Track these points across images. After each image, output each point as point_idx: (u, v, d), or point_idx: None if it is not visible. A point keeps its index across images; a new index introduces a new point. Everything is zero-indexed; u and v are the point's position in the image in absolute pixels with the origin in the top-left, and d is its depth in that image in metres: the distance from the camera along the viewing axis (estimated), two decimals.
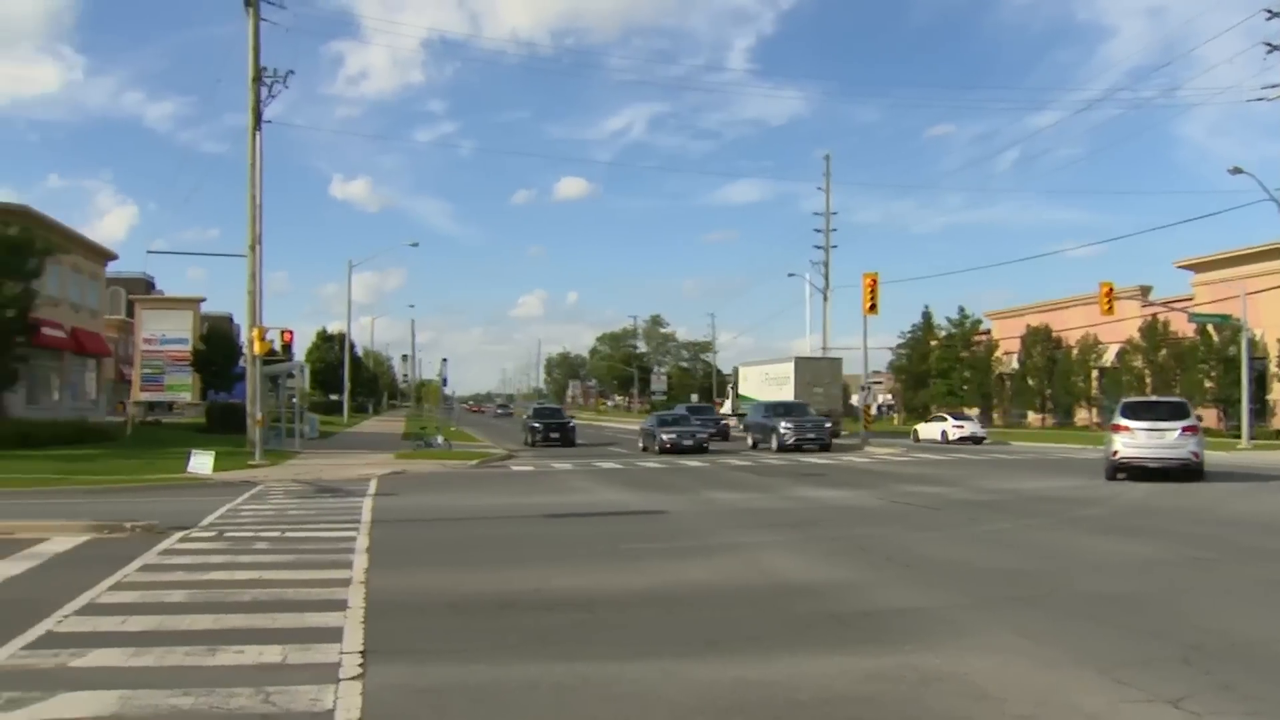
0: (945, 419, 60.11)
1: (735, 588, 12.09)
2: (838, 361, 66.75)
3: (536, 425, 51.37)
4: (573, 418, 58.11)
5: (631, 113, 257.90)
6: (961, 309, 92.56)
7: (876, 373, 73.99)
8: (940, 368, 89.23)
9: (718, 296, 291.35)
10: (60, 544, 15.82)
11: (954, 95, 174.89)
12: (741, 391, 72.49)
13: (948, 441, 55.19)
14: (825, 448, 44.29)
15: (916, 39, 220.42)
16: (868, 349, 55.92)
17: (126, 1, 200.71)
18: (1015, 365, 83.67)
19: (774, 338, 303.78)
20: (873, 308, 48.79)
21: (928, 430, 58.85)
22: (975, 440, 54.50)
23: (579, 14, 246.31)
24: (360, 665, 8.27)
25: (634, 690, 7.77)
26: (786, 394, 59.04)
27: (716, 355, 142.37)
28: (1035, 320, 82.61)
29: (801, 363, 63.12)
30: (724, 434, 56.35)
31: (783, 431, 44.24)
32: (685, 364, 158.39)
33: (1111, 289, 46.87)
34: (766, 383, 65.86)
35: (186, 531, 17.07)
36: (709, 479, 29.37)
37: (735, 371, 79.45)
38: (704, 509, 21.17)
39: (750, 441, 48.85)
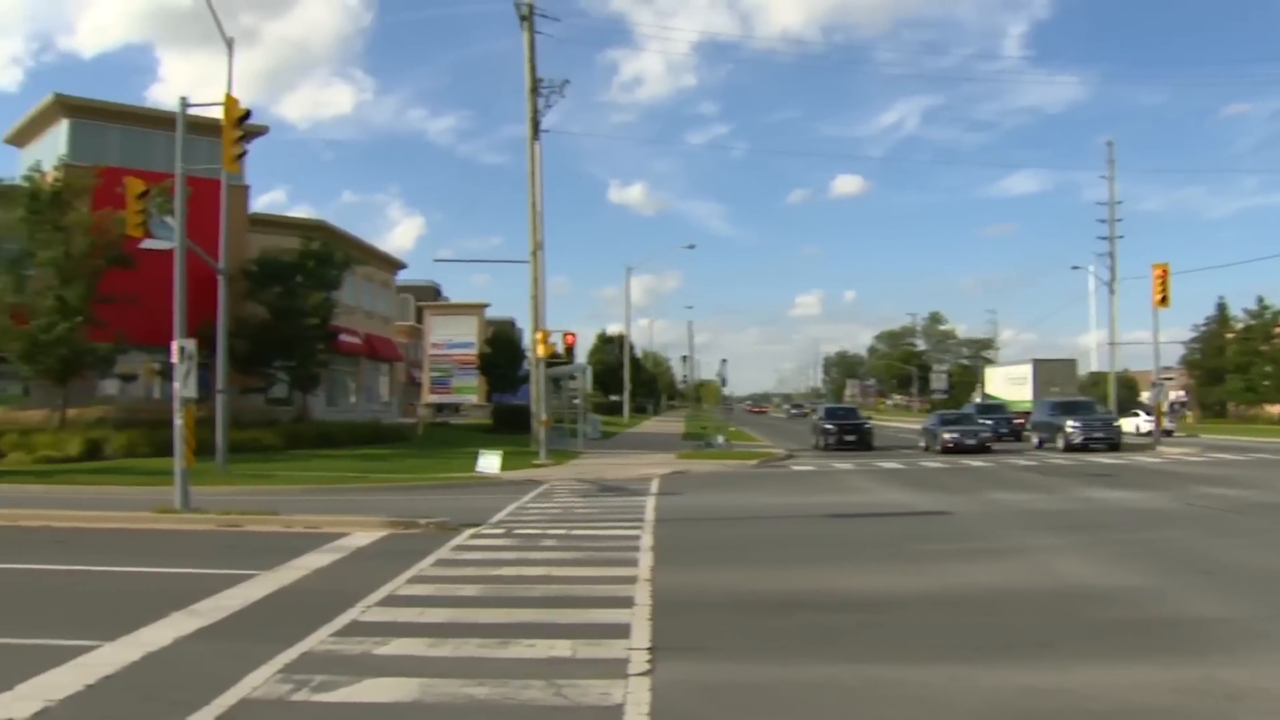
0: (1138, 414, 59.01)
1: (1023, 591, 11.73)
2: (1072, 363, 69.97)
3: (829, 427, 47.46)
4: (869, 418, 53.97)
5: (904, 107, 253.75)
6: (1260, 299, 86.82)
7: (1167, 369, 70.60)
8: (1238, 362, 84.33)
9: (998, 292, 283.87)
10: (361, 538, 16.63)
11: (1248, 70, 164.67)
12: (988, 391, 76.19)
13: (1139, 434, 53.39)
14: (1114, 447, 42.36)
15: (1204, 11, 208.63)
16: (1158, 343, 53.21)
17: (410, 25, 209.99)
18: None
19: (1058, 333, 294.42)
20: (1163, 300, 46.34)
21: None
22: (1165, 434, 51.24)
23: (848, 9, 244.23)
24: (648, 661, 8.38)
25: (921, 694, 7.63)
26: (1025, 394, 62.59)
27: (998, 352, 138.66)
28: None
29: (1039, 364, 66.55)
30: (1015, 434, 53.85)
31: (1069, 430, 42.50)
32: (965, 361, 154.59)
33: None
34: (1009, 383, 69.92)
35: (477, 528, 17.65)
36: (992, 479, 28.58)
37: (982, 372, 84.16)
38: (988, 510, 20.61)
39: (1035, 441, 47.17)
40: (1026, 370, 66.88)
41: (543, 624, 9.80)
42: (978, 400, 76.93)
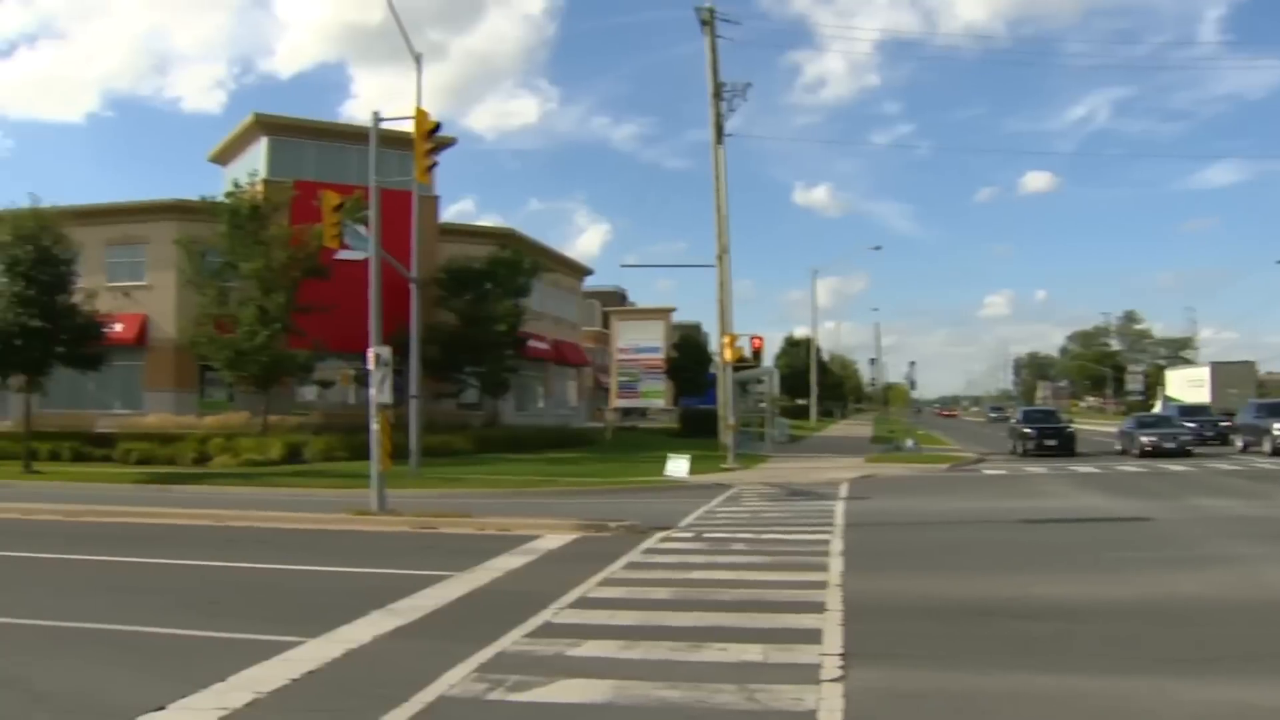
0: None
1: (1232, 602, 11.23)
2: (1250, 364, 71.19)
3: (1029, 431, 44.77)
4: (1070, 421, 50.81)
5: (1094, 99, 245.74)
6: None
7: None
8: None
9: (1197, 289, 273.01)
10: (552, 541, 16.84)
11: None
12: (1168, 393, 75.44)
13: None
14: None
15: None
16: None
17: (592, 33, 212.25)
18: None
19: (1266, 331, 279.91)
20: None
21: None
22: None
23: (1036, 1, 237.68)
24: (840, 668, 8.28)
25: (1126, 706, 7.39)
26: (1204, 396, 62.22)
27: (1197, 352, 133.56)
28: None
29: (1217, 367, 67.94)
30: (1222, 437, 50.50)
31: (1277, 433, 40.55)
32: (1162, 361, 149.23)
33: None
34: (1188, 385, 70.42)
35: (666, 532, 17.70)
36: (1194, 484, 27.48)
37: (1162, 374, 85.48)
38: (1190, 516, 19.80)
39: (1239, 444, 45.05)
40: (1204, 373, 67.72)
41: (734, 628, 9.77)
42: (1159, 404, 74.43)
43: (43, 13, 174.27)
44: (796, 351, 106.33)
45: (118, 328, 40.56)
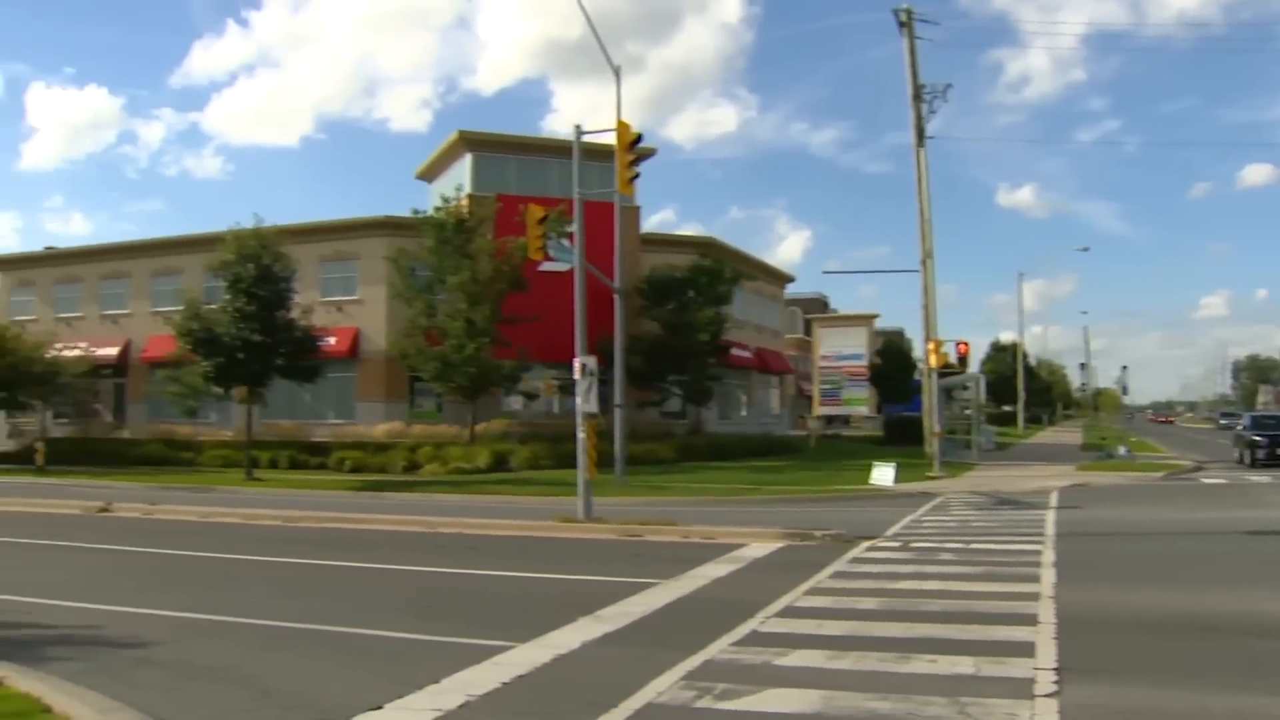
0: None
1: None
2: None
3: (1258, 439, 40.24)
4: None
5: None
6: None
7: None
8: None
9: None
10: (757, 549, 16.83)
11: None
12: None
13: None
14: None
15: None
16: None
17: (789, 39, 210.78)
18: None
19: None
20: None
21: None
22: None
23: None
24: (1055, 682, 8.04)
25: None
26: None
27: None
28: None
29: None
30: None
31: None
32: None
33: None
34: None
35: (872, 541, 17.50)
36: None
37: None
38: None
39: None
40: None
41: (943, 639, 9.59)
42: None
43: (261, 43, 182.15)
44: (1002, 357, 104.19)
45: (331, 341, 42.06)
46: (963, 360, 43.32)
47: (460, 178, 46.99)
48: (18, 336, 47.61)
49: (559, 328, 31.26)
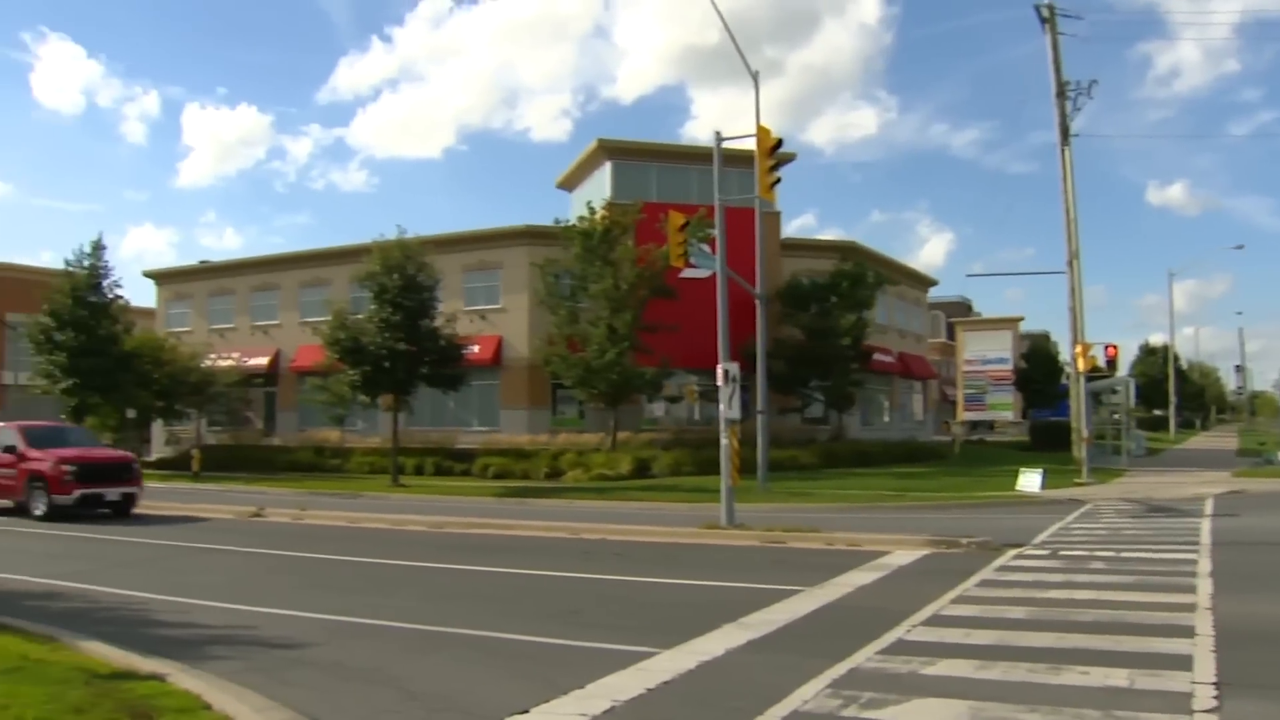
0: None
1: None
2: None
3: None
4: None
5: None
6: None
7: None
8: None
9: None
10: (902, 557, 16.64)
11: None
12: None
13: None
14: None
15: None
16: None
17: (928, 39, 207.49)
18: None
19: None
20: None
21: None
22: None
23: None
24: (1215, 698, 7.77)
25: None
26: None
27: None
28: None
29: None
30: None
31: None
32: None
33: None
34: None
35: (1020, 549, 17.18)
36: None
37: None
38: None
39: None
40: None
41: (1095, 650, 9.34)
42: None
43: (403, 58, 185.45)
44: (1153, 359, 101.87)
45: (475, 349, 42.59)
46: (1111, 363, 42.39)
47: (600, 186, 47.47)
48: (174, 348, 49.41)
49: (699, 334, 31.33)
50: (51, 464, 24.77)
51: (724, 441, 21.48)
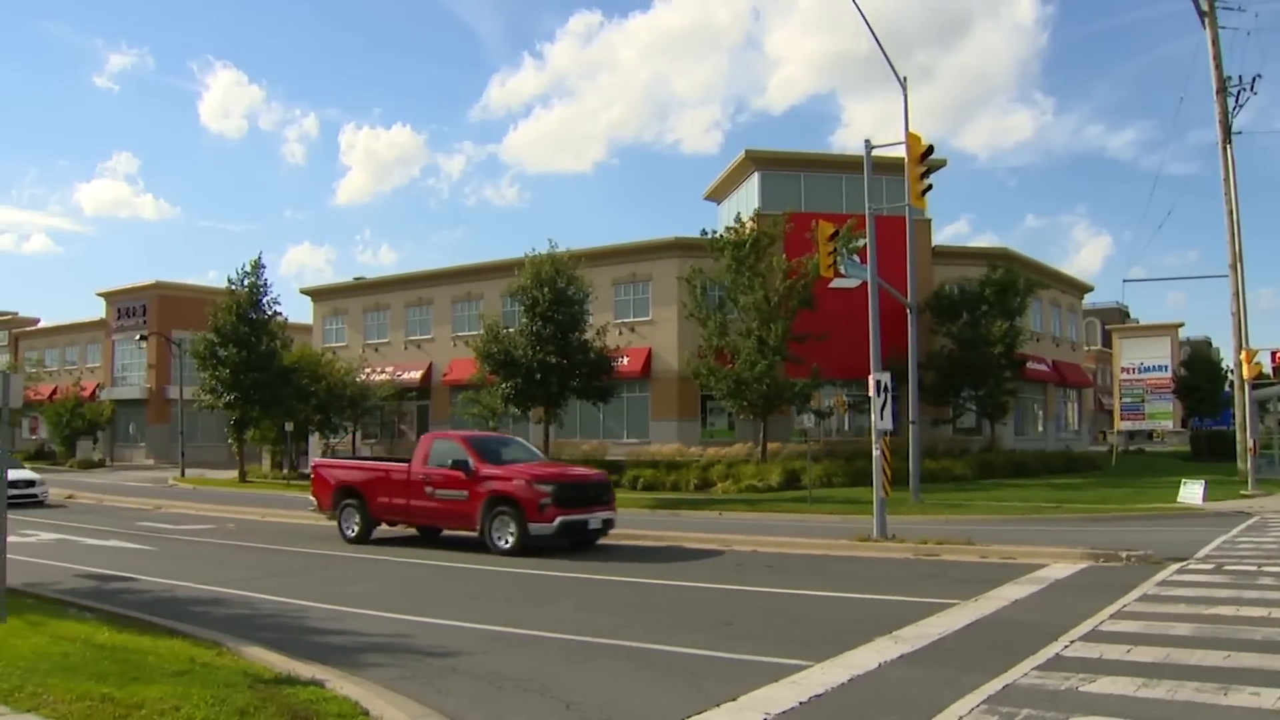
0: None
1: None
2: None
3: None
4: None
5: None
6: None
7: None
8: None
9: None
10: (1058, 570, 16.30)
11: None
12: None
13: None
14: None
15: None
16: None
17: (1083, 39, 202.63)
18: None
19: None
20: None
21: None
22: None
23: None
24: None
25: None
26: None
27: None
28: None
29: None
30: None
31: None
32: None
33: None
34: None
35: (1183, 563, 16.69)
36: None
37: None
38: None
39: None
40: None
41: (1268, 670, 9.02)
42: None
43: (555, 74, 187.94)
44: None
45: (625, 361, 42.81)
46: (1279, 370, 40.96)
47: (748, 197, 47.45)
48: (331, 363, 50.76)
49: (848, 344, 31.12)
50: (523, 483, 19.94)
51: (876, 452, 21.30)
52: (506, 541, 19.79)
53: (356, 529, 22.70)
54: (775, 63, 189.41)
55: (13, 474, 31.07)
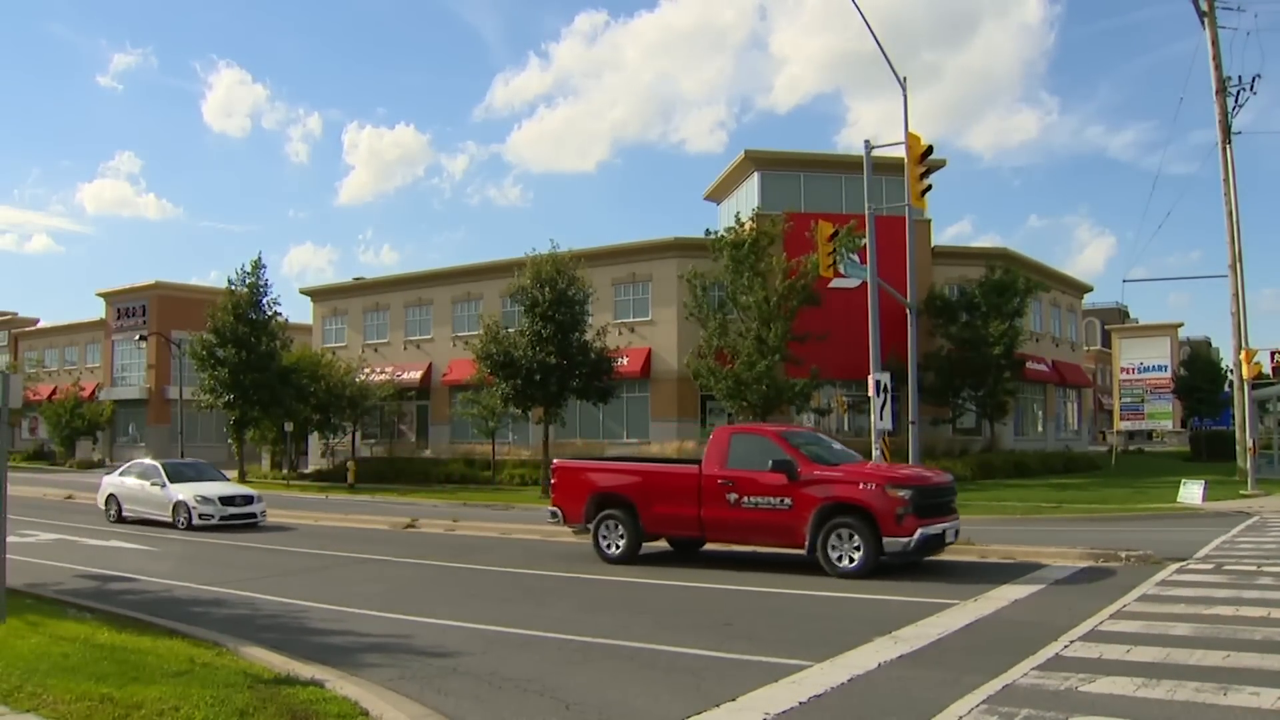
0: None
1: None
2: None
3: None
4: None
5: None
6: None
7: None
8: None
9: None
10: (1058, 570, 16.31)
11: None
12: None
13: None
14: None
15: None
16: None
17: (1088, 39, 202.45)
18: None
19: None
20: None
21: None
22: None
23: None
24: None
25: None
26: None
27: None
28: None
29: None
30: None
31: None
32: None
33: None
34: None
35: (1182, 563, 16.69)
36: None
37: None
38: None
39: None
40: None
41: (1268, 671, 9.02)
42: None
43: (559, 74, 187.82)
44: None
45: (624, 361, 42.83)
46: (1279, 370, 40.96)
47: (748, 197, 47.46)
48: (330, 363, 50.76)
49: (848, 344, 31.12)
50: (874, 487, 16.07)
51: (876, 452, 21.33)
52: (850, 560, 15.99)
53: (621, 545, 18.51)
54: (781, 62, 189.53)
55: (228, 490, 28.03)
